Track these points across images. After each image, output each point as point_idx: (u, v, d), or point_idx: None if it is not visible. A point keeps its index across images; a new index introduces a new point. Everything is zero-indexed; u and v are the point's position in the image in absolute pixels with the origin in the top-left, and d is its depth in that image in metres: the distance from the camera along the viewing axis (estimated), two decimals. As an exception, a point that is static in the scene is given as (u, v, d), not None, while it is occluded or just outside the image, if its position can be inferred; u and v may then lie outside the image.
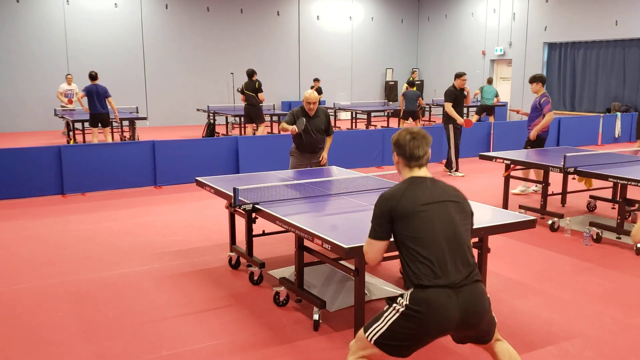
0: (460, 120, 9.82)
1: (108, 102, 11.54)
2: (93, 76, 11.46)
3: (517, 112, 9.90)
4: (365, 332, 2.76)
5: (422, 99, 15.70)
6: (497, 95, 16.09)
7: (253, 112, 12.78)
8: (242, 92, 12.88)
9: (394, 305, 2.70)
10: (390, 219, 2.76)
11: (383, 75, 22.23)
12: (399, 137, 2.94)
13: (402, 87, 19.86)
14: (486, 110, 16.02)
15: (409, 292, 2.66)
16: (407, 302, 2.64)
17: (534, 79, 8.42)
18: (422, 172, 2.92)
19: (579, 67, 17.92)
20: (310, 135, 6.44)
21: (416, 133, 2.92)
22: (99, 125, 11.60)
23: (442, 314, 2.59)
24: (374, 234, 2.83)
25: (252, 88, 12.70)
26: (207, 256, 5.81)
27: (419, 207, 2.72)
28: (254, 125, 12.87)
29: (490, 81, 16.51)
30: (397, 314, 2.66)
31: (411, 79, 18.63)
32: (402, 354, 2.70)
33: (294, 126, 6.34)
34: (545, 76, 8.64)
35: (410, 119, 14.55)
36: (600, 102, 17.45)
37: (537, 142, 8.31)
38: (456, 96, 9.99)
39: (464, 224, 2.79)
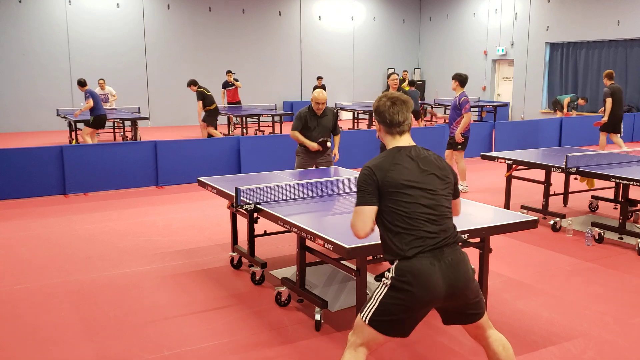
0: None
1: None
2: (83, 83, 11.61)
3: (433, 115, 9.60)
4: (359, 314, 2.78)
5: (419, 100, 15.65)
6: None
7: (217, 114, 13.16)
8: (204, 98, 12.81)
9: (382, 280, 2.74)
10: (376, 188, 2.72)
11: (384, 76, 22.20)
12: (378, 103, 2.89)
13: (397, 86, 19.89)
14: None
15: (394, 264, 2.71)
16: (393, 274, 2.68)
17: (453, 77, 8.45)
18: (405, 139, 2.87)
19: (580, 67, 17.90)
20: (318, 135, 6.45)
21: (396, 98, 2.87)
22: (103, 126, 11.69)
23: (427, 281, 2.62)
24: (362, 201, 2.75)
25: (209, 91, 12.98)
26: (208, 256, 5.81)
27: (406, 181, 2.71)
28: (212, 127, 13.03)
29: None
30: (386, 288, 2.69)
31: (401, 78, 18.64)
32: (396, 330, 2.70)
33: (317, 145, 6.39)
34: (465, 76, 8.41)
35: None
36: (602, 102, 17.40)
37: (462, 142, 8.62)
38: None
39: (445, 193, 2.80)
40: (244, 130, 14.65)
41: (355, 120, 16.58)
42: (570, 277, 5.21)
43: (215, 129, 13.20)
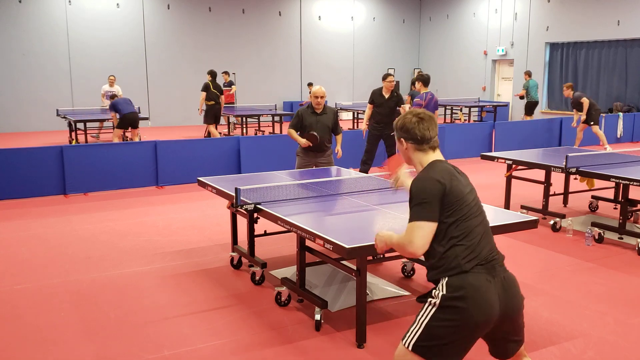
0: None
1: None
2: (115, 95, 11.89)
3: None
4: (402, 341, 2.54)
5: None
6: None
7: (219, 112, 13.26)
8: (206, 90, 12.93)
9: (428, 299, 2.51)
10: (440, 201, 2.51)
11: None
12: (404, 121, 2.74)
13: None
14: (530, 106, 15.29)
15: (444, 281, 2.48)
16: (444, 292, 2.45)
17: (417, 79, 8.89)
18: (437, 154, 2.75)
19: (580, 67, 17.89)
20: (310, 144, 6.36)
21: (422, 114, 2.74)
22: (130, 127, 11.79)
23: (484, 297, 2.42)
24: (426, 216, 2.48)
25: (219, 89, 13.13)
26: (208, 256, 5.81)
27: (465, 191, 2.58)
28: (212, 125, 13.06)
29: (530, 74, 15.71)
30: (434, 308, 2.46)
31: (414, 78, 18.62)
32: (447, 356, 2.44)
33: (305, 140, 6.33)
34: (427, 76, 8.89)
35: None
36: (602, 102, 17.41)
37: None
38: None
39: (483, 210, 2.72)
40: (244, 130, 14.65)
41: (355, 120, 16.58)
42: (570, 277, 5.21)
43: (216, 127, 13.22)
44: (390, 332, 4.10)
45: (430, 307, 2.48)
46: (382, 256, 4.46)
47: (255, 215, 4.92)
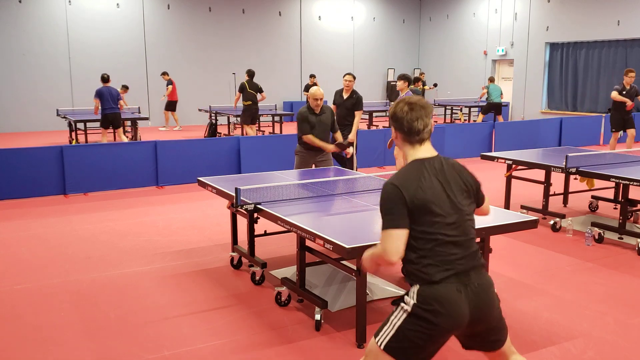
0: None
1: (118, 104, 11.81)
2: (105, 79, 11.71)
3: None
4: (374, 338, 2.58)
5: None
6: (501, 94, 15.93)
7: (256, 112, 13.03)
8: (242, 90, 12.93)
9: (401, 304, 2.53)
10: (405, 208, 2.47)
11: (385, 76, 22.22)
12: (395, 109, 2.63)
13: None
14: (495, 108, 15.73)
15: (416, 289, 2.50)
16: (415, 301, 2.47)
17: (401, 77, 8.67)
18: (426, 148, 2.62)
19: (580, 67, 17.90)
20: (318, 133, 6.46)
21: (414, 103, 2.60)
22: (111, 126, 11.71)
23: (453, 309, 2.44)
24: (393, 223, 2.47)
25: (256, 88, 12.89)
26: (208, 256, 5.81)
27: (433, 201, 2.48)
28: (251, 125, 13.06)
29: (492, 80, 16.30)
30: (405, 314, 2.49)
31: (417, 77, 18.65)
32: (415, 358, 2.52)
33: (334, 147, 6.48)
34: (410, 76, 8.84)
35: None
36: (602, 102, 17.42)
37: None
38: None
39: (469, 210, 2.61)
40: (244, 130, 14.65)
41: (355, 120, 16.56)
42: (570, 277, 5.21)
43: (250, 126, 13.17)
44: (390, 332, 4.09)
45: (402, 312, 2.51)
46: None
47: (255, 215, 4.92)
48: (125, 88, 15.43)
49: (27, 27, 16.30)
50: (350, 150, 6.99)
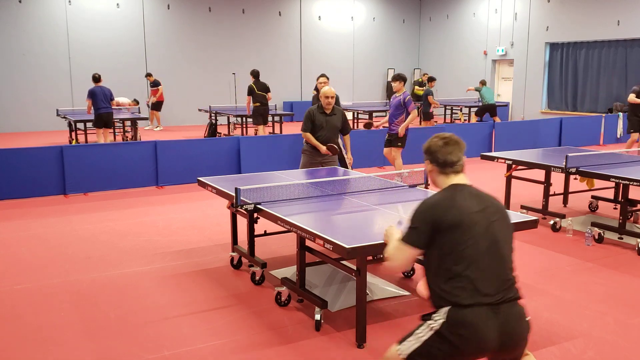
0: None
1: (111, 104, 11.79)
2: (97, 78, 11.66)
3: (377, 127, 9.46)
4: (396, 346, 2.62)
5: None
6: (496, 94, 15.88)
7: (266, 112, 13.05)
8: (251, 92, 12.88)
9: (429, 322, 2.54)
10: (432, 229, 2.55)
11: (385, 76, 22.22)
12: (430, 144, 2.79)
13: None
14: (489, 110, 15.71)
15: (446, 310, 2.50)
16: (444, 320, 2.49)
17: (398, 78, 8.67)
18: (460, 178, 2.74)
19: (580, 67, 17.90)
20: (325, 134, 6.47)
21: (448, 138, 2.77)
22: (103, 126, 11.71)
23: (480, 337, 2.45)
24: (410, 239, 2.59)
25: (264, 88, 12.88)
26: (208, 256, 5.81)
27: (467, 221, 2.52)
28: (260, 125, 13.07)
29: (484, 83, 16.10)
30: (432, 332, 2.51)
31: (420, 79, 18.66)
32: None
33: (326, 149, 6.46)
34: (406, 76, 8.90)
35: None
36: (602, 102, 17.43)
37: (403, 138, 8.72)
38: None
39: (506, 239, 2.63)
40: (244, 130, 14.65)
41: (356, 120, 16.58)
42: (570, 277, 5.21)
43: (262, 126, 13.17)
44: (390, 332, 4.10)
45: (429, 330, 2.53)
46: (382, 256, 4.46)
47: (255, 215, 4.92)
48: (135, 102, 15.63)
49: (27, 27, 16.30)
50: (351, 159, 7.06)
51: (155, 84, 16.66)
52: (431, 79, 15.14)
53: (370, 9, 21.60)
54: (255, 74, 12.98)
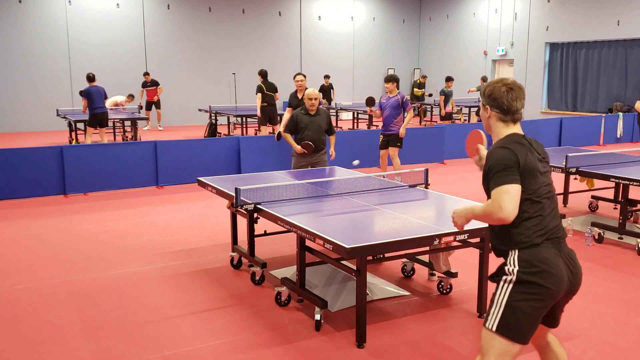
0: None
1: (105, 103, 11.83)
2: (91, 78, 11.64)
3: (372, 112, 9.34)
4: (484, 326, 2.55)
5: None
6: None
7: (273, 113, 13.03)
8: (261, 91, 12.84)
9: (503, 278, 2.53)
10: (518, 170, 2.53)
11: (384, 76, 22.19)
12: (493, 89, 2.69)
13: (406, 89, 19.88)
14: None
15: (514, 254, 2.52)
16: (518, 268, 2.49)
17: (392, 79, 8.76)
18: (518, 127, 2.72)
19: (580, 67, 17.90)
20: (311, 135, 6.65)
21: (512, 84, 2.70)
22: (98, 126, 11.69)
23: (559, 269, 2.49)
24: (510, 179, 2.50)
25: (272, 88, 12.88)
26: (208, 256, 5.81)
27: (538, 167, 2.59)
28: (269, 125, 13.07)
29: (485, 80, 16.17)
30: (511, 285, 2.49)
31: (419, 80, 18.61)
32: (530, 334, 2.51)
33: (301, 148, 6.63)
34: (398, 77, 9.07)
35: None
36: (602, 102, 17.43)
37: (401, 138, 8.78)
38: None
39: (552, 183, 2.72)
40: (244, 130, 14.66)
41: (355, 120, 16.58)
42: (570, 277, 5.20)
43: (269, 125, 13.14)
44: (390, 332, 4.10)
45: (506, 285, 2.50)
46: (382, 256, 4.46)
47: (255, 215, 4.92)
48: (131, 97, 15.60)
49: (27, 27, 16.30)
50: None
51: (154, 83, 16.69)
52: (449, 79, 14.69)
53: (370, 9, 21.60)
54: (263, 74, 12.97)
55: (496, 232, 2.64)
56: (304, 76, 8.42)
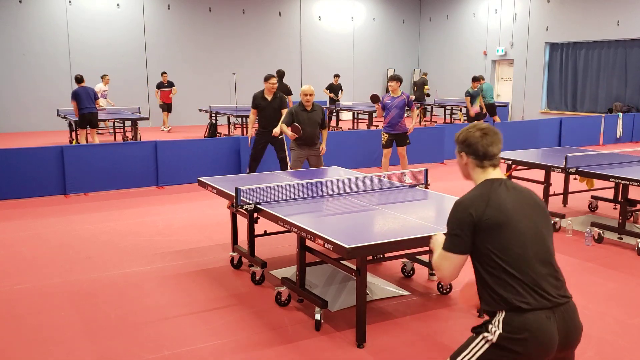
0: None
1: (96, 104, 11.85)
2: (79, 79, 11.69)
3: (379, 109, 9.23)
4: None
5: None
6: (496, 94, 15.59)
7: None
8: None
9: (483, 334, 2.34)
10: (473, 231, 2.35)
11: (385, 76, 22.21)
12: (467, 135, 2.57)
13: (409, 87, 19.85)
14: (489, 109, 15.46)
15: (501, 317, 2.30)
16: (501, 331, 2.28)
17: (397, 79, 8.95)
18: (497, 172, 2.55)
19: (580, 68, 17.90)
20: (308, 129, 6.97)
21: (487, 129, 2.58)
22: (88, 126, 11.69)
23: (545, 338, 2.26)
24: (453, 246, 2.38)
25: (285, 90, 12.88)
26: (209, 256, 5.82)
27: (508, 217, 2.34)
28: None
29: (476, 79, 15.63)
30: (488, 344, 2.31)
31: (423, 78, 18.55)
32: None
33: (292, 132, 6.93)
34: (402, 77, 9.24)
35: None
36: (601, 102, 17.43)
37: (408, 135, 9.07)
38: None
39: (549, 235, 2.44)
40: (244, 131, 14.65)
41: (355, 121, 16.58)
42: (570, 277, 5.19)
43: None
44: (390, 332, 4.11)
45: (484, 343, 2.33)
46: (382, 256, 4.47)
47: (255, 215, 4.92)
48: (105, 77, 15.33)
49: (27, 27, 16.30)
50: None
51: (171, 84, 16.45)
52: (475, 79, 14.08)
53: (370, 9, 21.61)
54: (280, 74, 12.81)
55: (480, 290, 2.42)
56: (275, 77, 8.36)
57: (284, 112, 8.24)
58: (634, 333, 4.09)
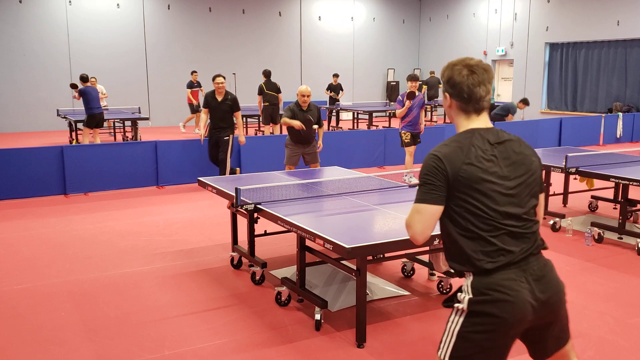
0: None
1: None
2: (85, 78, 11.59)
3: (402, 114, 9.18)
4: (438, 353, 2.27)
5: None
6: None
7: (275, 112, 13.11)
8: (261, 92, 12.98)
9: (455, 306, 2.22)
10: (447, 184, 2.16)
11: (385, 76, 22.23)
12: (452, 72, 2.25)
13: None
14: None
15: (469, 282, 2.18)
16: (471, 296, 2.16)
17: (417, 78, 9.17)
18: (482, 119, 2.26)
19: (580, 67, 17.91)
20: (306, 129, 7.12)
21: (475, 65, 2.22)
22: (94, 126, 11.67)
23: (516, 296, 2.12)
24: (426, 197, 2.16)
25: (274, 88, 12.95)
26: (209, 256, 5.82)
27: (486, 175, 2.15)
28: (271, 125, 13.11)
29: None
30: (463, 315, 2.18)
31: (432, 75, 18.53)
32: None
33: (299, 122, 7.02)
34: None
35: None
36: (601, 102, 17.43)
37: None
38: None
39: (531, 189, 2.25)
40: (244, 131, 14.66)
41: (356, 121, 16.58)
42: (570, 277, 5.21)
43: (271, 124, 13.12)
44: (390, 332, 4.11)
45: (458, 314, 2.20)
46: (382, 256, 4.46)
47: (255, 215, 4.92)
48: (93, 78, 15.21)
49: (28, 27, 16.31)
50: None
51: (198, 84, 15.83)
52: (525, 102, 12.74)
53: (370, 9, 21.61)
54: (266, 74, 13.11)
55: (446, 248, 2.27)
56: (224, 78, 8.32)
57: (238, 114, 8.42)
58: (634, 333, 4.09)
